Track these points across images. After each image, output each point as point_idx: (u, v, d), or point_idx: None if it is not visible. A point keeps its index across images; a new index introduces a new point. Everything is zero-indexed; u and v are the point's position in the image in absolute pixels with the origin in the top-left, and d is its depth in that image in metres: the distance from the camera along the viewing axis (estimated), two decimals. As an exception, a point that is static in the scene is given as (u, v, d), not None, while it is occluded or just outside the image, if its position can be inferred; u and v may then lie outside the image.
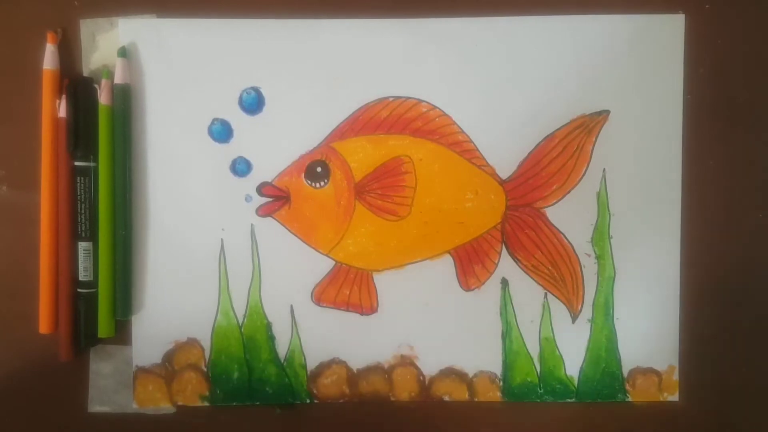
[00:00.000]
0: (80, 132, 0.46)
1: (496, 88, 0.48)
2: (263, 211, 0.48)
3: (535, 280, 0.49)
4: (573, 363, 0.49)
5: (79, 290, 0.48)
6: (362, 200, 0.48)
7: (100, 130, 0.47)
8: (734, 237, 0.49)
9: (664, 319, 0.49)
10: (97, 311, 0.47)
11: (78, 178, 0.47)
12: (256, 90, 0.48)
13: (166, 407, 0.49)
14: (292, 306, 0.49)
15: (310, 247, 0.49)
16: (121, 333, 0.49)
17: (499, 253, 0.49)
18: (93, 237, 0.47)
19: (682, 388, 0.49)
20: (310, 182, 0.48)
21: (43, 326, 0.47)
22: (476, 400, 0.49)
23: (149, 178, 0.48)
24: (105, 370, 0.49)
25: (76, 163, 0.47)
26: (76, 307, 0.48)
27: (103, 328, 0.48)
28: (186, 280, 0.49)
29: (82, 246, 0.47)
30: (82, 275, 0.47)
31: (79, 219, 0.47)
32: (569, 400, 0.50)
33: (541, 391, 0.50)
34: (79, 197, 0.47)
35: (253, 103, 0.48)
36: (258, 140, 0.48)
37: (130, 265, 0.48)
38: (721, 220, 0.49)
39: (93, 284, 0.48)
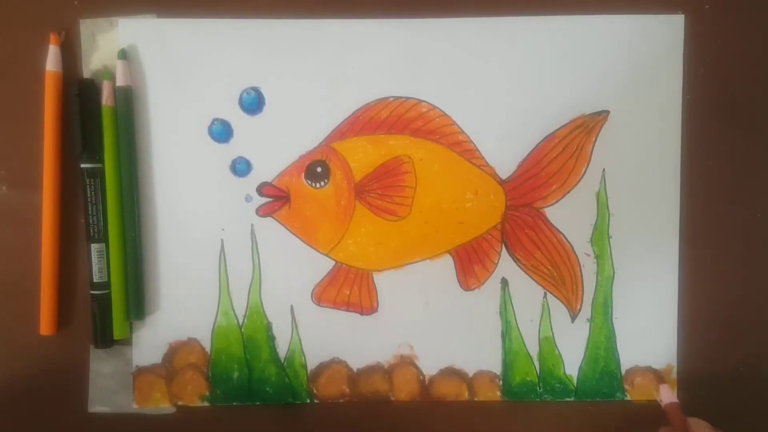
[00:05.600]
0: (87, 135, 0.47)
1: (496, 88, 0.48)
2: (263, 211, 0.48)
3: (535, 280, 0.49)
4: (572, 362, 0.50)
5: (92, 292, 0.48)
6: (362, 200, 0.48)
7: (104, 132, 0.47)
8: (733, 236, 0.49)
9: (663, 319, 0.49)
10: (111, 312, 0.48)
11: (87, 179, 0.47)
12: (256, 90, 0.48)
13: (166, 407, 0.49)
14: (292, 306, 0.49)
15: (310, 247, 0.49)
16: (122, 333, 0.49)
17: (499, 253, 0.49)
18: (105, 238, 0.48)
19: (680, 387, 0.50)
20: (310, 182, 0.48)
21: (44, 327, 0.47)
22: (476, 399, 0.50)
23: (150, 179, 0.48)
24: (105, 370, 0.49)
25: (84, 165, 0.47)
26: (90, 309, 0.48)
27: (118, 329, 0.48)
28: (186, 280, 0.49)
29: (95, 248, 0.47)
30: (97, 277, 0.47)
31: (91, 221, 0.47)
32: (568, 399, 0.50)
33: (541, 390, 0.50)
34: (89, 199, 0.47)
35: (253, 103, 0.48)
36: (258, 140, 0.48)
37: (142, 267, 0.48)
38: (720, 220, 0.49)
39: (106, 285, 0.48)
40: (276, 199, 0.48)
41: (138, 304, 0.48)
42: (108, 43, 0.48)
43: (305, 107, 0.48)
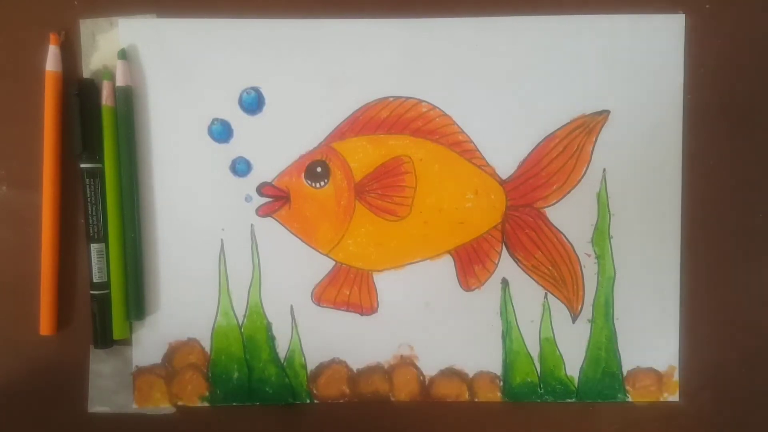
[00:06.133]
0: (87, 135, 0.47)
1: (496, 88, 0.48)
2: (263, 211, 0.48)
3: (536, 280, 0.49)
4: (573, 363, 0.49)
5: (92, 292, 0.48)
6: (362, 200, 0.48)
7: (104, 132, 0.47)
8: (734, 237, 0.49)
9: (664, 320, 0.49)
10: (111, 312, 0.48)
11: (87, 179, 0.47)
12: (256, 90, 0.48)
13: (165, 407, 0.49)
14: (292, 306, 0.49)
15: (310, 247, 0.49)
16: (121, 333, 0.49)
17: (499, 253, 0.49)
18: (105, 238, 0.48)
19: (682, 388, 0.49)
20: (310, 182, 0.48)
21: (44, 328, 0.47)
22: (476, 400, 0.49)
23: (150, 179, 0.48)
24: (105, 371, 0.49)
25: (84, 165, 0.47)
26: (90, 309, 0.48)
27: (118, 329, 0.48)
28: (186, 280, 0.49)
29: (95, 248, 0.47)
30: (96, 277, 0.47)
31: (90, 221, 0.47)
32: (569, 401, 0.50)
33: (542, 391, 0.50)
34: (89, 199, 0.47)
35: (253, 103, 0.48)
36: (258, 140, 0.48)
37: (142, 267, 0.48)
38: (721, 220, 0.49)
39: (106, 286, 0.48)
40: (276, 199, 0.48)
41: (138, 304, 0.48)
42: (108, 43, 0.48)
43: (305, 107, 0.48)
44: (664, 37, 0.48)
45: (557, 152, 0.48)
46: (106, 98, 0.47)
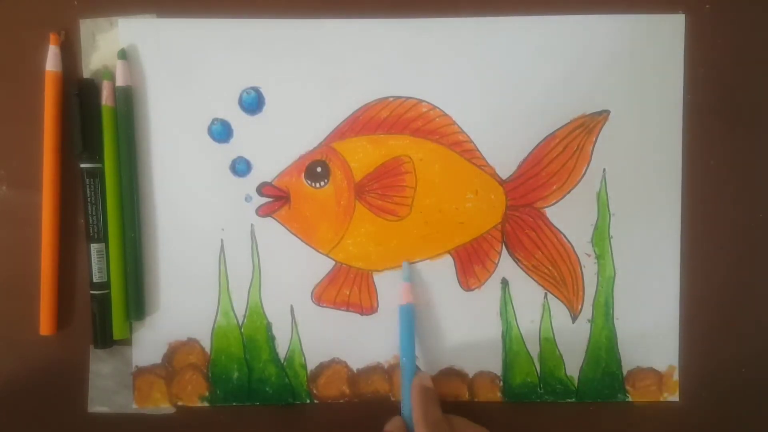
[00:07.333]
0: (86, 135, 0.47)
1: (496, 88, 0.48)
2: (263, 211, 0.48)
3: (536, 280, 0.49)
4: (573, 363, 0.49)
5: (92, 292, 0.48)
6: (362, 200, 0.48)
7: (104, 132, 0.47)
8: (734, 237, 0.49)
9: (664, 319, 0.49)
10: (111, 312, 0.48)
11: (87, 179, 0.47)
12: (256, 90, 0.48)
13: (165, 407, 0.49)
14: (292, 306, 0.49)
15: (310, 247, 0.49)
16: (121, 333, 0.49)
17: (499, 253, 0.49)
18: (105, 238, 0.48)
19: (682, 388, 0.49)
20: (310, 182, 0.48)
21: (44, 328, 0.47)
22: (476, 400, 0.49)
23: (150, 179, 0.48)
24: (105, 371, 0.49)
25: (84, 165, 0.47)
26: (90, 309, 0.48)
27: (118, 329, 0.48)
28: (186, 280, 0.49)
29: (95, 248, 0.47)
30: (96, 277, 0.47)
31: (90, 221, 0.47)
32: (569, 401, 0.50)
33: (541, 391, 0.50)
34: (89, 199, 0.47)
35: (253, 103, 0.48)
36: (258, 140, 0.48)
37: (142, 267, 0.48)
38: (721, 220, 0.49)
39: (106, 286, 0.48)
40: (276, 199, 0.48)
41: (138, 304, 0.48)
42: (108, 43, 0.48)
43: (305, 107, 0.48)
44: (664, 37, 0.48)
45: (557, 152, 0.48)
46: (106, 98, 0.47)
